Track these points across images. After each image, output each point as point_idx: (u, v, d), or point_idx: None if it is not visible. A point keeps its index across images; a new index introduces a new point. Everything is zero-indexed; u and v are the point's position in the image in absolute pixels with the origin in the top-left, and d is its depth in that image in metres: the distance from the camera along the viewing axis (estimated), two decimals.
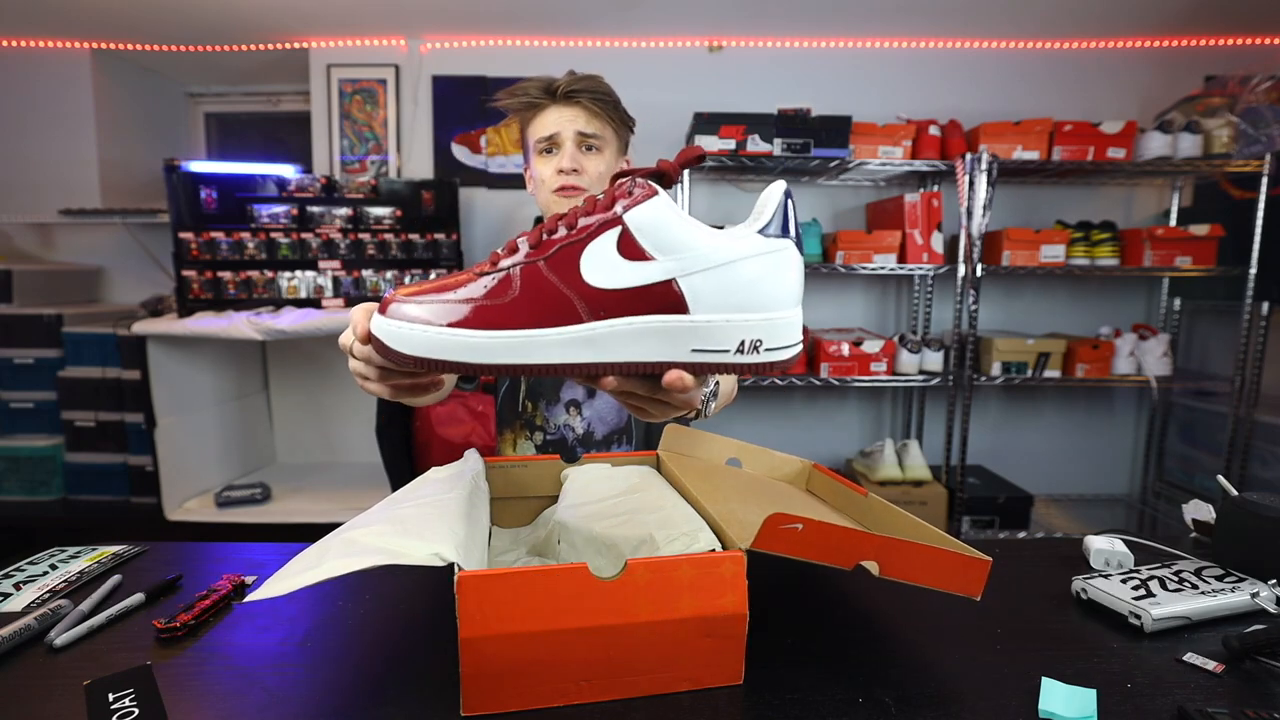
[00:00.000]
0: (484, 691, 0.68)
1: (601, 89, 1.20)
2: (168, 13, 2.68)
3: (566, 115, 1.19)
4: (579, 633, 0.67)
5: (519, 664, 0.67)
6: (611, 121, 1.23)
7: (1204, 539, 1.13)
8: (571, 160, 1.19)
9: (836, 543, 0.71)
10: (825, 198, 3.03)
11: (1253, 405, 2.56)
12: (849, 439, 3.13)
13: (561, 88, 1.17)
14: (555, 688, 0.69)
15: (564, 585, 0.66)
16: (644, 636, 0.69)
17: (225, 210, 2.68)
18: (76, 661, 0.78)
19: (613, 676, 0.69)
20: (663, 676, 0.71)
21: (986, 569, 0.74)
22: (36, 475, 2.81)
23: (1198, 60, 2.92)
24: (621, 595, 0.67)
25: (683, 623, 0.69)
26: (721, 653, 0.72)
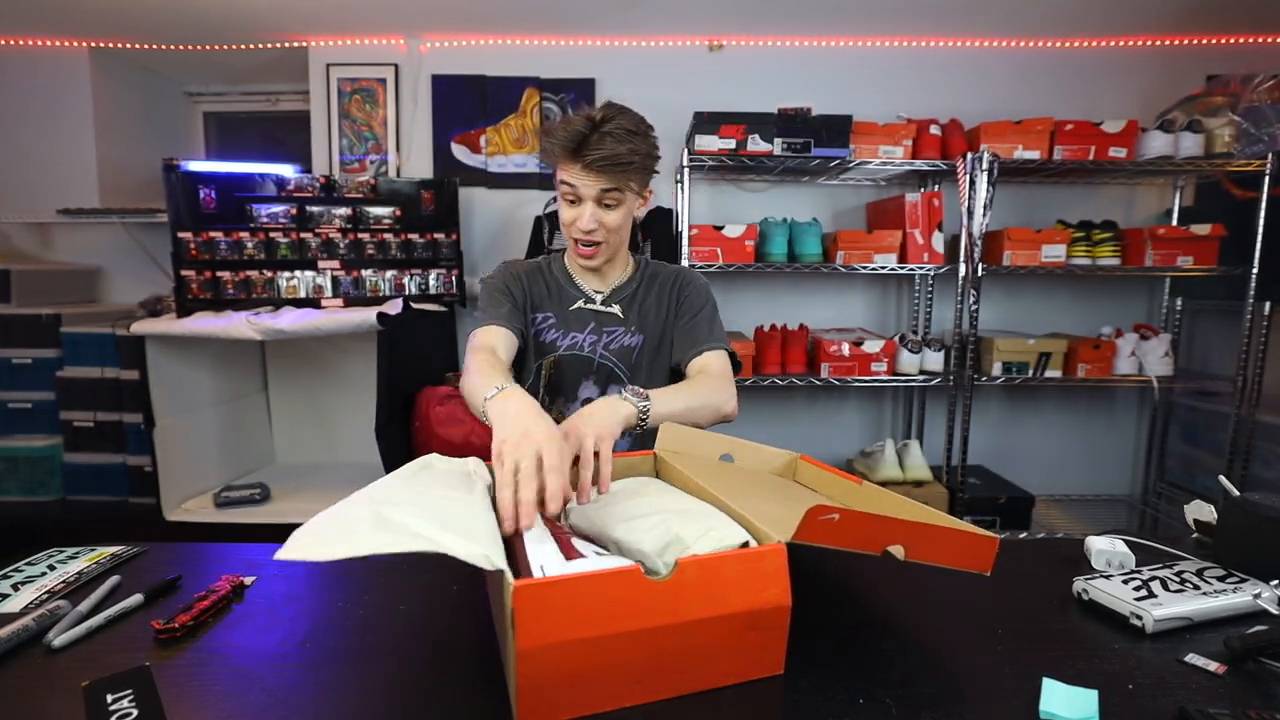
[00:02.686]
0: (539, 702, 0.67)
1: (621, 160, 1.19)
2: (166, 12, 2.67)
3: (590, 178, 1.22)
4: (632, 635, 0.67)
5: (573, 671, 0.67)
6: (637, 182, 1.26)
7: (1205, 539, 1.13)
8: (591, 220, 1.25)
9: (869, 530, 0.72)
10: (825, 197, 3.03)
11: (1254, 405, 2.56)
12: (849, 439, 3.13)
13: (588, 160, 1.19)
14: (607, 691, 0.69)
15: (618, 588, 0.66)
16: (693, 634, 0.70)
17: (224, 210, 2.68)
18: (75, 662, 0.77)
19: (661, 676, 0.70)
20: (708, 673, 0.72)
21: (995, 546, 0.77)
22: (35, 475, 2.81)
23: (1199, 59, 2.92)
24: (674, 595, 0.68)
25: (731, 618, 0.70)
26: (764, 646, 0.74)
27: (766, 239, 2.65)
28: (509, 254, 3.06)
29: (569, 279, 1.41)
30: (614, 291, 1.40)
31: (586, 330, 1.37)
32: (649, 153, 1.25)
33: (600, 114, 1.21)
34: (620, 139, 1.19)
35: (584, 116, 1.21)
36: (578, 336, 1.37)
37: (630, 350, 1.37)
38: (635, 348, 1.38)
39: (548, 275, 1.43)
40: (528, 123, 3.01)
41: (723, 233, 2.59)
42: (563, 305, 1.39)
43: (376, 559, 1.09)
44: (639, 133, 1.22)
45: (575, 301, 1.39)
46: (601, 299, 1.39)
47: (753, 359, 2.66)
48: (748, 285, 3.06)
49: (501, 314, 1.32)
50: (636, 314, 1.39)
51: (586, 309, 1.39)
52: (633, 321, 1.39)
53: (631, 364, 1.37)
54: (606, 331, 1.38)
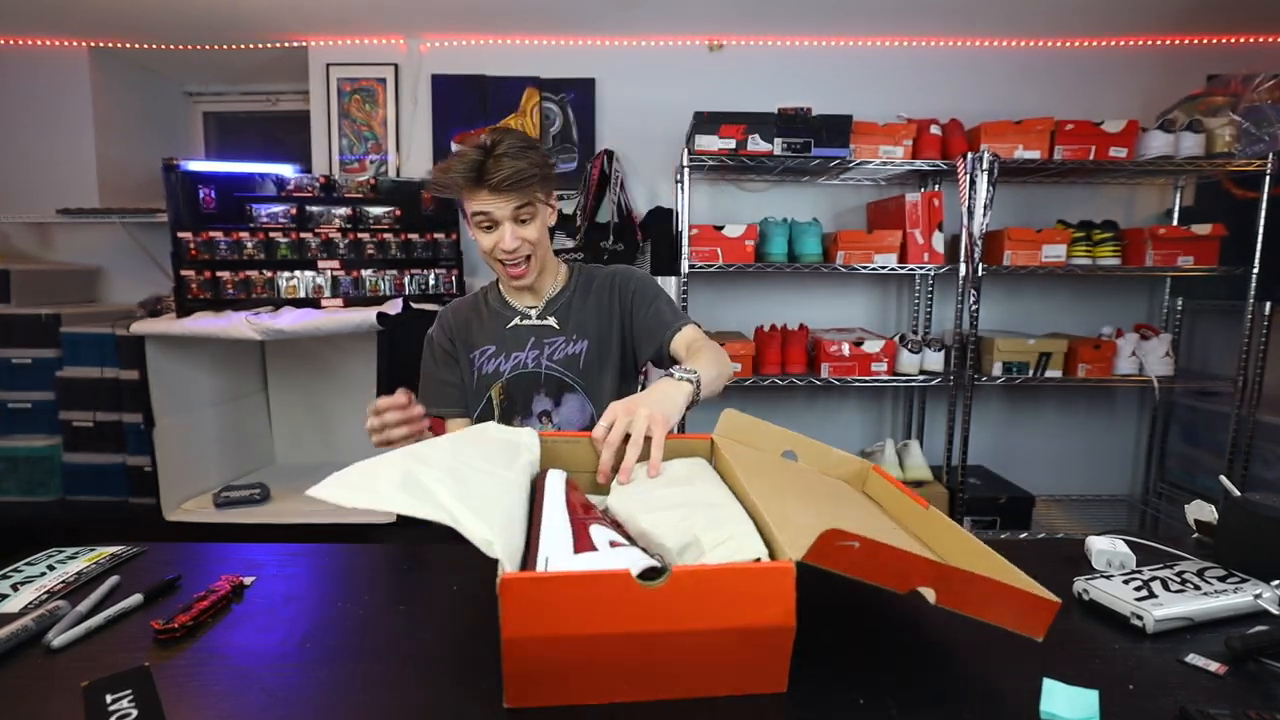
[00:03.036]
0: (525, 687, 0.69)
1: (524, 174, 1.23)
2: (166, 11, 2.67)
3: (500, 201, 1.25)
4: (621, 638, 0.66)
5: (560, 664, 0.67)
6: (542, 192, 1.30)
7: (1206, 540, 1.13)
8: (512, 239, 1.28)
9: (893, 565, 0.68)
10: (826, 197, 3.03)
11: (1255, 405, 2.56)
12: (849, 439, 3.13)
13: (492, 182, 1.22)
14: (596, 686, 0.69)
15: (607, 591, 0.66)
16: (687, 644, 0.68)
17: (224, 210, 2.67)
18: (74, 663, 0.77)
19: (654, 678, 0.70)
20: (702, 682, 0.70)
21: (1054, 611, 0.71)
22: (34, 475, 2.81)
23: (1200, 59, 2.92)
24: (665, 603, 0.66)
25: (726, 633, 0.68)
26: (765, 663, 0.71)
27: (766, 239, 2.65)
28: None
29: (503, 303, 1.44)
30: (548, 304, 1.42)
31: (527, 347, 1.40)
32: (545, 163, 1.28)
33: (489, 139, 1.24)
34: (516, 156, 1.22)
35: (474, 145, 1.25)
36: (520, 355, 1.40)
37: (576, 358, 1.39)
38: (580, 354, 1.39)
39: (483, 307, 1.46)
40: (528, 122, 3.01)
41: (723, 233, 2.59)
42: (499, 329, 1.42)
43: (376, 553, 1.09)
44: (531, 147, 1.26)
45: (512, 320, 1.42)
46: (537, 313, 1.41)
47: (753, 359, 2.66)
48: (748, 285, 3.06)
49: (442, 397, 1.44)
50: (575, 321, 1.41)
51: (523, 325, 1.41)
52: (573, 329, 1.40)
53: (580, 370, 1.39)
54: (547, 343, 1.40)
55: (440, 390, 1.45)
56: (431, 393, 1.45)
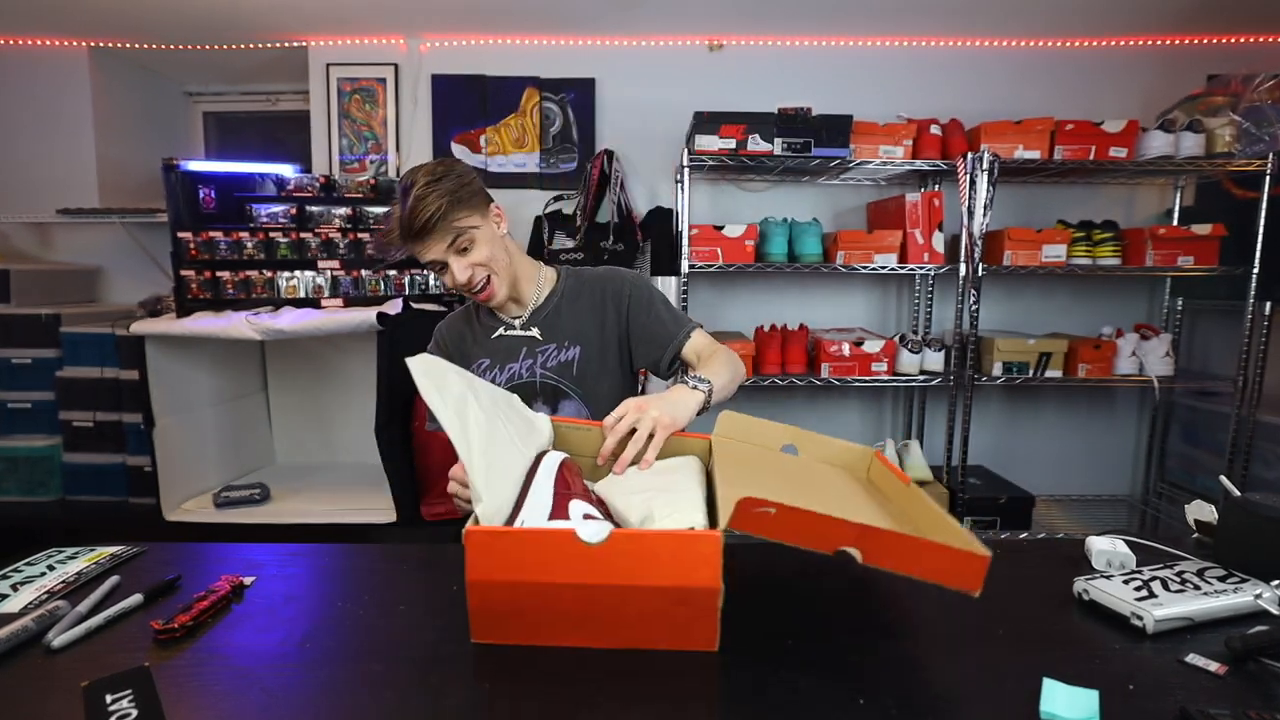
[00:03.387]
0: (488, 625, 0.81)
1: (436, 214, 1.23)
2: (166, 11, 2.67)
3: (433, 244, 1.26)
4: (566, 587, 0.77)
5: (516, 606, 0.79)
6: (469, 214, 1.29)
7: (1206, 540, 1.13)
8: (463, 271, 1.29)
9: (813, 528, 0.74)
10: (826, 197, 3.03)
11: (1255, 405, 2.56)
12: (850, 439, 3.09)
13: (415, 231, 1.24)
14: (548, 629, 0.80)
15: (553, 546, 0.76)
16: (624, 597, 0.77)
17: (224, 210, 2.67)
18: (74, 663, 0.77)
19: (597, 627, 0.79)
20: (640, 634, 0.79)
21: (985, 564, 0.73)
22: (34, 475, 2.81)
23: (1200, 59, 2.92)
24: (605, 560, 0.76)
25: (659, 590, 0.76)
26: (696, 621, 0.78)
27: (767, 239, 2.65)
28: None
29: (489, 313, 1.44)
30: (534, 313, 1.42)
31: (520, 357, 1.39)
32: (457, 186, 1.27)
33: (405, 181, 1.26)
34: (424, 198, 1.22)
35: (398, 197, 1.26)
36: (513, 366, 1.39)
37: (569, 365, 1.38)
38: (573, 361, 1.39)
39: (474, 320, 1.47)
40: (528, 123, 3.01)
41: (723, 233, 2.59)
42: (488, 340, 1.42)
43: (376, 553, 1.09)
44: (439, 177, 1.25)
45: (496, 330, 1.42)
46: (521, 323, 1.41)
47: (753, 359, 2.66)
48: (748, 285, 3.06)
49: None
50: (562, 328, 1.40)
51: (509, 335, 1.41)
52: (562, 335, 1.40)
53: (574, 377, 1.38)
54: (540, 352, 1.39)
55: None
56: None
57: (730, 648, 0.81)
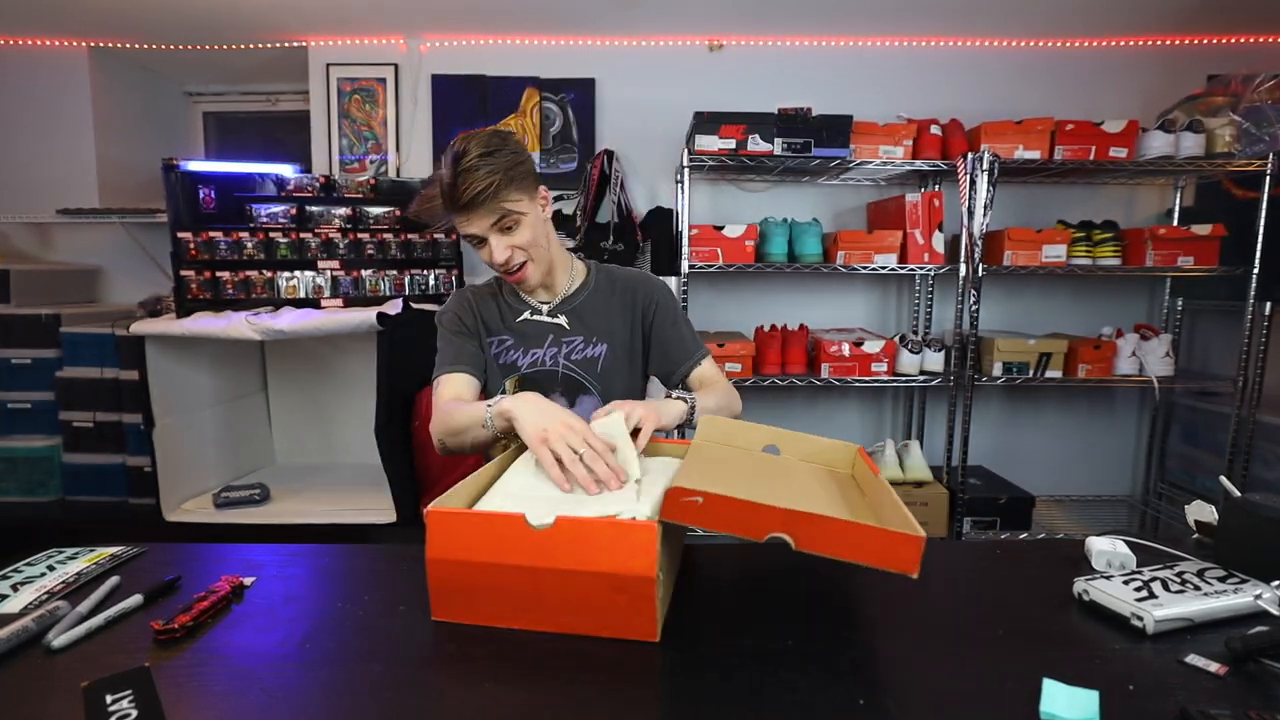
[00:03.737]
0: (445, 603, 0.86)
1: (489, 189, 1.19)
2: (166, 11, 2.67)
3: (476, 219, 1.23)
4: (515, 569, 0.81)
5: (469, 586, 0.84)
6: (519, 195, 1.25)
7: (1206, 540, 1.13)
8: (501, 251, 1.26)
9: (743, 516, 0.79)
10: (826, 197, 3.03)
11: (1255, 406, 2.56)
12: (850, 439, 3.08)
13: (462, 202, 1.20)
14: (498, 610, 0.84)
15: (504, 528, 0.81)
16: (565, 581, 0.81)
17: (224, 210, 2.67)
18: (74, 663, 0.77)
19: (543, 610, 0.83)
20: (584, 619, 0.82)
21: (919, 545, 0.75)
22: (34, 476, 2.80)
23: (1200, 59, 2.92)
24: (550, 543, 0.80)
25: (597, 576, 0.80)
26: (634, 609, 0.80)
27: (766, 239, 2.65)
28: None
29: (515, 294, 1.42)
30: (563, 301, 1.41)
31: (546, 344, 1.38)
32: (511, 164, 1.23)
33: (459, 147, 1.21)
34: (476, 169, 1.19)
35: (446, 164, 1.22)
36: (538, 353, 1.38)
37: (594, 361, 1.38)
38: (599, 358, 1.38)
39: (499, 296, 1.44)
40: (528, 123, 3.01)
41: (723, 233, 2.59)
42: (513, 321, 1.40)
43: (376, 553, 1.09)
44: (492, 150, 1.21)
45: (522, 314, 1.40)
46: (548, 309, 1.40)
47: (753, 359, 2.66)
48: (748, 285, 3.06)
49: (461, 357, 1.36)
50: (590, 323, 1.39)
51: (533, 320, 1.39)
52: (590, 330, 1.39)
53: (598, 374, 1.38)
54: (565, 342, 1.38)
55: (460, 352, 1.37)
56: (452, 355, 1.37)
57: (729, 647, 0.81)
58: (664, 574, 0.82)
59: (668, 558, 0.87)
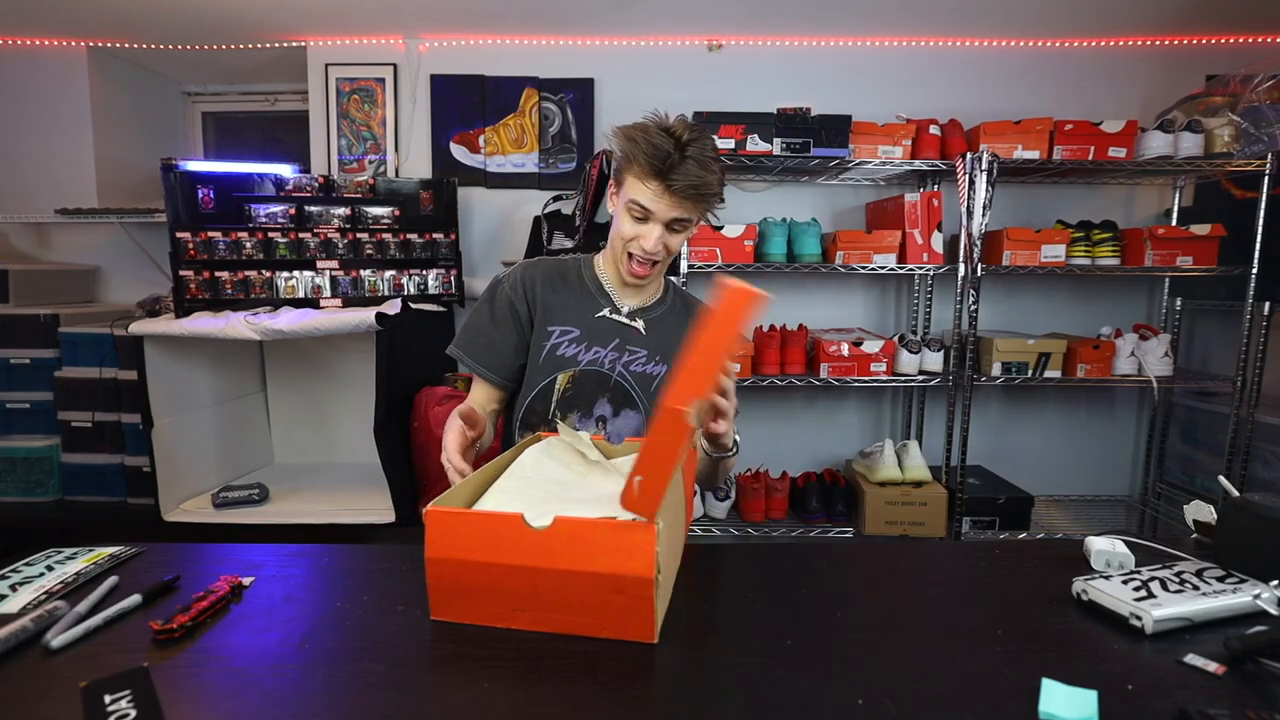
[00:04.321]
0: (444, 603, 0.86)
1: (704, 191, 1.17)
2: (164, 11, 2.67)
3: (667, 203, 1.18)
4: (513, 569, 0.81)
5: (467, 585, 0.84)
6: (706, 211, 1.24)
7: (1205, 540, 1.13)
8: (658, 243, 1.21)
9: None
10: (825, 197, 3.03)
11: (1254, 406, 2.56)
12: (848, 439, 3.13)
13: (674, 185, 1.15)
14: (496, 610, 0.84)
15: (502, 528, 0.82)
16: (564, 581, 0.81)
17: (222, 210, 2.67)
18: (73, 663, 0.77)
19: (542, 610, 0.83)
20: (583, 620, 0.82)
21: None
22: (33, 476, 2.80)
23: (1199, 59, 2.92)
24: (547, 544, 0.80)
25: (595, 576, 0.80)
26: (633, 610, 0.80)
27: (766, 239, 2.65)
28: (508, 254, 3.06)
29: (599, 287, 1.36)
30: (643, 309, 1.36)
31: (609, 346, 1.33)
32: (722, 182, 1.22)
33: (685, 134, 1.16)
34: (704, 165, 1.16)
35: (665, 132, 1.17)
36: (600, 351, 1.33)
37: (651, 379, 1.33)
38: (657, 377, 1.33)
39: (575, 282, 1.37)
40: (527, 123, 3.01)
41: (722, 233, 2.59)
42: (587, 315, 1.34)
43: (375, 553, 1.09)
44: (716, 159, 1.20)
45: (601, 310, 1.34)
46: (627, 311, 1.35)
47: (751, 359, 2.66)
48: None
49: (494, 358, 1.33)
50: (659, 339, 1.35)
51: (610, 319, 1.34)
52: (656, 346, 1.34)
53: (650, 392, 1.33)
54: (629, 350, 1.33)
55: (486, 349, 1.34)
56: (473, 345, 1.34)
57: (729, 648, 0.81)
58: (662, 575, 0.82)
59: (667, 558, 0.86)
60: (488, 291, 1.37)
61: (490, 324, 1.34)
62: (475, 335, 1.35)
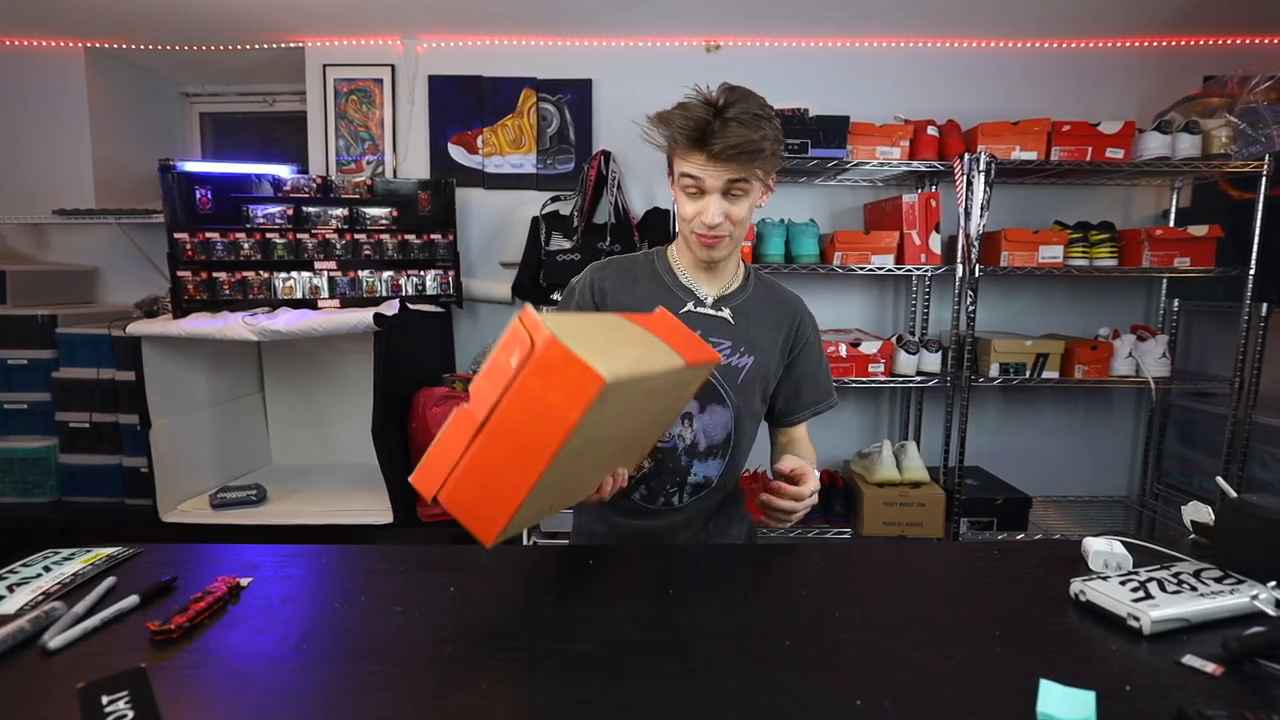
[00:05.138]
0: (480, 522, 0.77)
1: (750, 147, 1.12)
2: (162, 12, 2.67)
3: (717, 169, 1.14)
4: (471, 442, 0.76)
5: (477, 486, 0.76)
6: (764, 170, 1.18)
7: (1203, 541, 1.13)
8: (718, 213, 1.15)
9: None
10: (823, 198, 3.03)
11: (1251, 406, 2.56)
12: (846, 440, 3.13)
13: (715, 150, 1.12)
14: (507, 487, 0.75)
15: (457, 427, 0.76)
16: (501, 423, 0.74)
17: (220, 210, 2.67)
18: (70, 664, 0.77)
19: (513, 450, 0.75)
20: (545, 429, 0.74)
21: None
22: (31, 477, 2.80)
23: (1196, 60, 2.93)
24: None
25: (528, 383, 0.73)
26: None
27: (763, 240, 2.66)
28: (506, 255, 3.06)
29: (676, 280, 1.30)
30: (725, 296, 1.29)
31: None
32: (777, 138, 1.17)
33: (721, 99, 1.14)
34: (747, 124, 1.12)
35: (702, 102, 1.14)
36: None
37: (738, 371, 1.26)
38: (743, 369, 1.27)
39: (649, 277, 1.31)
40: (525, 123, 3.01)
41: None
42: (676, 311, 1.25)
43: (373, 554, 1.09)
44: (765, 116, 1.15)
45: (685, 305, 1.27)
46: (712, 301, 1.28)
47: None
48: None
49: None
50: (745, 329, 1.28)
51: (696, 313, 1.26)
52: (742, 337, 1.27)
53: (738, 385, 1.27)
54: (713, 341, 1.25)
55: None
56: None
57: (728, 648, 0.81)
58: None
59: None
60: (564, 300, 1.33)
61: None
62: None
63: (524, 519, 0.81)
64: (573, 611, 0.92)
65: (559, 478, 0.81)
